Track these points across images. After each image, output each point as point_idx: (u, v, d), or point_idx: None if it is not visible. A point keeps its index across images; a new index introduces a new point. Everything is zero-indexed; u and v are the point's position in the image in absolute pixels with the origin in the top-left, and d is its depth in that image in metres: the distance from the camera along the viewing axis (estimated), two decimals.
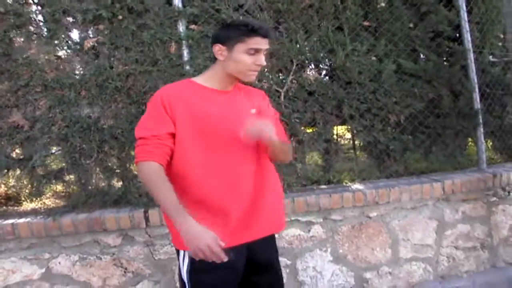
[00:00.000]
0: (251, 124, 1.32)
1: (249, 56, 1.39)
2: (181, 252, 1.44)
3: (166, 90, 1.42)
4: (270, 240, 1.60)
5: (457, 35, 2.93)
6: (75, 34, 2.31)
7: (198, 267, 1.37)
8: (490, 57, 2.70)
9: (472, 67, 2.93)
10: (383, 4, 2.75)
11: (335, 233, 2.53)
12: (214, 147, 1.39)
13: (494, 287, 2.65)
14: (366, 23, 2.72)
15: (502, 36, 3.15)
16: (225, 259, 1.19)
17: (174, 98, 1.38)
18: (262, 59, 1.41)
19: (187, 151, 1.38)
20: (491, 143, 3.37)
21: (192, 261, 1.37)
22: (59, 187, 2.49)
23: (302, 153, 2.91)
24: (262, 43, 1.40)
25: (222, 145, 1.40)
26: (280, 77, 2.54)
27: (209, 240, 1.18)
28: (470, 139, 3.29)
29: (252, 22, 1.39)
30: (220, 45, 1.41)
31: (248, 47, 1.38)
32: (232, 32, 1.40)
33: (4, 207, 2.42)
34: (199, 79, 1.48)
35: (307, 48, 2.55)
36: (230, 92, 1.50)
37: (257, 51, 1.39)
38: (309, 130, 2.80)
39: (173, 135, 1.37)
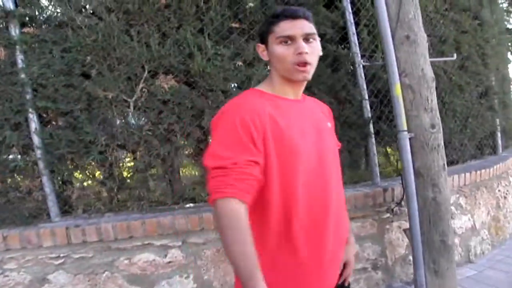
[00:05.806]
0: None
1: (286, 47, 1.14)
2: None
3: (245, 108, 1.09)
4: None
5: (342, 38, 2.71)
6: None
7: None
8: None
9: (361, 72, 2.70)
10: (251, 4, 2.50)
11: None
12: (301, 171, 1.12)
13: None
14: (235, 25, 2.49)
15: None
16: None
17: (260, 116, 1.08)
18: (301, 46, 1.13)
19: (274, 178, 1.09)
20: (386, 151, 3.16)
21: None
22: None
23: (180, 168, 2.67)
24: (293, 27, 1.14)
25: (308, 167, 1.13)
26: (129, 85, 2.28)
27: None
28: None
29: (280, 8, 1.18)
30: (260, 45, 1.23)
31: (276, 35, 1.15)
32: (263, 26, 1.22)
33: None
34: (266, 89, 1.21)
35: (162, 53, 2.30)
36: (301, 101, 1.26)
37: (290, 38, 1.14)
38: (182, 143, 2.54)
39: (259, 164, 1.05)
